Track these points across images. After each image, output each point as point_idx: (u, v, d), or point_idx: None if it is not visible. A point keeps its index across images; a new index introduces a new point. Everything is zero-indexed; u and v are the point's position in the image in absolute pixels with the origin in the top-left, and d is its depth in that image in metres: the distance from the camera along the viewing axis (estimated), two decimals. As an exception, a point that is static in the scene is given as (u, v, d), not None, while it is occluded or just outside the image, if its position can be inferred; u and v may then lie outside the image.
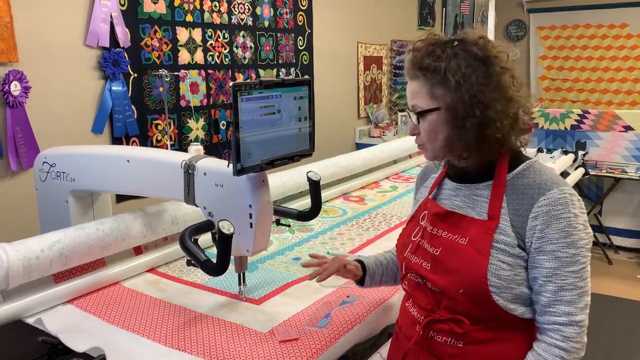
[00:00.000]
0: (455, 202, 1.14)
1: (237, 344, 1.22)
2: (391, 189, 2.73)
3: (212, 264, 1.20)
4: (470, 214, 1.09)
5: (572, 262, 1.00)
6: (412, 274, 1.16)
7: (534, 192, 1.04)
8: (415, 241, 1.17)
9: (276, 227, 1.62)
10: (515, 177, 1.08)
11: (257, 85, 1.20)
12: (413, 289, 1.17)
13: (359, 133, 4.54)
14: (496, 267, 1.02)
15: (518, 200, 1.05)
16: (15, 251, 1.30)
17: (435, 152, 1.12)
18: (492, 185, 1.09)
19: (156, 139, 2.78)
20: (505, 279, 1.02)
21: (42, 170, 1.69)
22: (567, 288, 0.99)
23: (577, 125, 4.28)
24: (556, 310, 1.00)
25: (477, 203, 1.10)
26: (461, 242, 1.07)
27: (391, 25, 4.96)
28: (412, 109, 1.10)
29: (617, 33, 6.56)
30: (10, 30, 2.12)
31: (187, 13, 2.88)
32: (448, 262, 1.07)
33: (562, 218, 1.00)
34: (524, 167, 1.09)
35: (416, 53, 1.09)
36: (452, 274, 1.06)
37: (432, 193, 1.21)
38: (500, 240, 1.03)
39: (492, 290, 1.01)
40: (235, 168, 1.18)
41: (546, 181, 1.04)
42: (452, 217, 1.11)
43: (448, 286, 1.06)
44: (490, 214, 1.06)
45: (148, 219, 1.63)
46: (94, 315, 1.37)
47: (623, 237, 4.38)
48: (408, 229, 1.23)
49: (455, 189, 1.16)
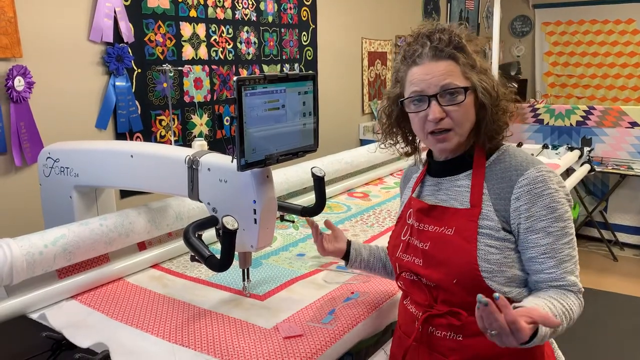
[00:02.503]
0: (439, 196, 1.16)
1: (241, 340, 1.21)
2: (395, 185, 2.72)
3: (216, 260, 1.20)
4: (454, 205, 1.11)
5: (564, 234, 1.03)
6: (406, 272, 1.17)
7: (512, 174, 1.07)
8: (404, 240, 1.19)
9: (280, 223, 1.61)
10: (493, 164, 1.11)
11: (262, 80, 1.19)
12: (409, 287, 1.18)
13: (362, 129, 4.52)
14: (484, 252, 1.04)
15: (498, 185, 1.07)
16: (19, 246, 1.30)
17: (462, 137, 1.10)
18: (471, 174, 1.11)
19: (160, 135, 2.78)
20: (495, 263, 1.04)
21: (46, 165, 1.68)
22: (566, 259, 1.03)
23: (582, 121, 4.26)
24: (565, 283, 1.02)
25: (459, 194, 1.12)
26: (448, 233, 1.09)
27: (395, 20, 4.93)
28: (444, 87, 1.06)
29: (624, 29, 6.51)
30: (14, 26, 2.11)
31: (191, 8, 2.87)
32: (438, 254, 1.09)
33: (545, 195, 1.03)
34: (499, 153, 1.12)
35: (442, 35, 1.08)
36: (444, 266, 1.07)
37: (415, 191, 1.22)
38: (485, 225, 1.05)
39: (484, 275, 1.03)
40: (240, 163, 1.17)
41: (522, 162, 1.08)
42: (436, 210, 1.13)
43: (441, 278, 1.08)
44: (472, 202, 1.08)
45: (152, 215, 1.62)
46: (98, 310, 1.37)
47: (629, 234, 4.36)
48: (397, 230, 1.25)
49: (437, 183, 1.18)
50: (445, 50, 1.07)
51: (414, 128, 1.16)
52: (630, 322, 3.21)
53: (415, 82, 1.09)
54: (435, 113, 1.06)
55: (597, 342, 2.85)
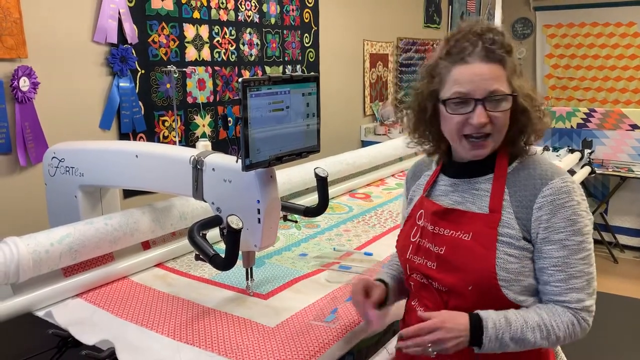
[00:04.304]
0: (454, 197, 1.12)
1: (245, 338, 1.23)
2: (397, 186, 2.73)
3: (220, 259, 1.21)
4: (471, 208, 1.08)
5: (580, 250, 1.00)
6: (416, 274, 1.14)
7: (536, 182, 1.03)
8: (415, 242, 1.15)
9: (283, 223, 1.63)
10: (516, 169, 1.08)
11: (266, 82, 1.20)
12: (418, 289, 1.15)
13: (364, 130, 4.54)
14: (503, 260, 1.01)
15: (520, 192, 1.04)
16: (26, 245, 1.32)
17: (497, 144, 1.07)
18: (492, 178, 1.08)
19: (163, 135, 2.80)
20: (513, 272, 1.01)
21: (51, 165, 1.70)
22: (577, 275, 1.00)
23: (583, 123, 4.27)
24: (569, 299, 1.00)
25: (477, 197, 1.08)
26: (465, 238, 1.05)
27: (397, 22, 4.95)
28: (493, 93, 1.02)
29: (624, 31, 6.52)
30: (20, 27, 2.13)
31: (195, 10, 2.89)
32: (454, 259, 1.06)
33: (567, 206, 1.00)
34: (523, 159, 1.09)
35: (495, 36, 1.03)
36: (460, 271, 1.05)
37: (427, 191, 1.18)
38: (505, 233, 1.02)
39: (502, 284, 1.01)
40: (244, 164, 1.18)
41: (547, 171, 1.05)
42: (453, 213, 1.10)
43: (456, 284, 1.05)
44: (492, 207, 1.05)
45: (156, 214, 1.64)
46: (103, 309, 1.38)
47: (629, 236, 4.36)
48: (405, 230, 1.21)
49: (453, 184, 1.14)
50: (497, 53, 1.03)
51: (445, 128, 1.10)
52: (631, 324, 3.22)
53: (461, 83, 1.03)
54: (480, 118, 1.02)
55: (598, 343, 2.85)
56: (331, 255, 1.74)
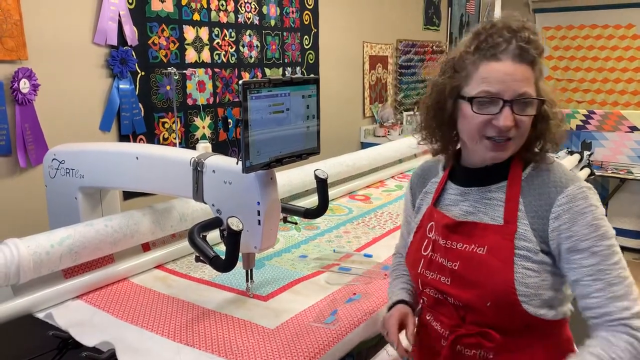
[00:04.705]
0: (465, 207, 1.07)
1: (245, 340, 1.23)
2: (396, 188, 2.73)
3: (220, 261, 1.21)
4: (483, 219, 1.03)
5: (611, 254, 0.95)
6: (430, 289, 1.09)
7: (550, 190, 0.99)
8: (426, 255, 1.10)
9: (283, 225, 1.63)
10: (530, 177, 1.03)
11: (267, 84, 1.21)
12: (433, 304, 1.10)
13: (364, 132, 4.54)
14: (522, 275, 0.96)
15: (535, 202, 0.99)
16: (26, 246, 1.32)
17: (517, 148, 1.02)
18: (506, 186, 1.02)
19: (163, 137, 2.80)
20: (533, 286, 0.96)
21: (51, 167, 1.70)
22: (615, 282, 0.94)
23: (582, 125, 4.28)
24: (614, 309, 0.93)
25: (489, 207, 1.03)
26: (479, 252, 1.00)
27: (397, 24, 4.96)
28: (522, 96, 0.97)
29: (624, 34, 6.53)
30: (20, 28, 2.13)
31: (194, 12, 2.90)
32: (469, 275, 1.01)
33: (586, 212, 0.95)
34: (535, 165, 1.04)
35: (531, 34, 0.98)
36: (476, 287, 0.99)
37: (435, 200, 1.13)
38: (522, 246, 0.97)
39: (522, 299, 0.96)
40: (245, 165, 1.19)
41: (561, 178, 1.00)
42: (465, 226, 1.04)
43: (473, 300, 1.00)
44: (507, 218, 1.00)
45: (156, 216, 1.64)
46: (104, 310, 1.38)
47: (628, 238, 4.37)
48: (415, 242, 1.15)
49: (463, 193, 1.08)
50: (530, 53, 0.97)
51: (464, 127, 1.04)
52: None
53: (490, 81, 0.97)
54: (507, 121, 0.96)
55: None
56: (331, 257, 1.74)
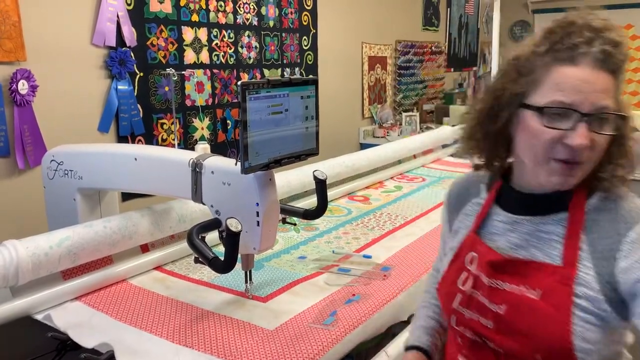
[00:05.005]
0: (513, 239, 0.91)
1: (244, 341, 1.23)
2: (395, 189, 2.73)
3: (219, 262, 1.21)
4: (536, 256, 0.88)
5: None
6: (466, 329, 0.94)
7: (620, 227, 0.83)
8: (465, 291, 0.94)
9: (282, 226, 1.63)
10: (596, 210, 0.86)
11: (265, 85, 1.21)
12: (468, 346, 0.95)
13: (363, 133, 4.55)
14: (582, 329, 0.80)
15: (602, 240, 0.83)
16: (25, 248, 1.32)
17: (585, 174, 0.85)
18: (567, 219, 0.87)
19: (161, 138, 2.80)
20: (595, 342, 0.81)
21: (50, 168, 1.70)
22: None
23: (581, 126, 4.28)
24: None
25: (544, 242, 0.88)
26: (531, 296, 0.85)
27: (396, 25, 4.96)
28: (601, 109, 0.81)
29: (622, 34, 6.55)
30: (18, 30, 2.13)
31: (193, 13, 2.90)
32: (518, 321, 0.86)
33: None
34: (602, 194, 0.87)
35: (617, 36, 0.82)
36: (525, 336, 0.84)
37: (478, 227, 0.97)
38: (583, 293, 0.81)
39: (580, 355, 0.80)
40: (243, 166, 1.19)
41: (631, 211, 0.84)
42: (514, 263, 0.89)
43: (520, 350, 0.85)
44: (567, 258, 0.84)
45: (155, 217, 1.64)
46: (102, 312, 1.38)
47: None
48: (451, 273, 1.00)
49: (513, 222, 0.92)
50: (615, 59, 0.82)
51: (526, 143, 0.87)
52: (629, 325, 3.22)
53: (566, 89, 0.81)
54: (582, 139, 0.80)
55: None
56: (330, 257, 1.74)
